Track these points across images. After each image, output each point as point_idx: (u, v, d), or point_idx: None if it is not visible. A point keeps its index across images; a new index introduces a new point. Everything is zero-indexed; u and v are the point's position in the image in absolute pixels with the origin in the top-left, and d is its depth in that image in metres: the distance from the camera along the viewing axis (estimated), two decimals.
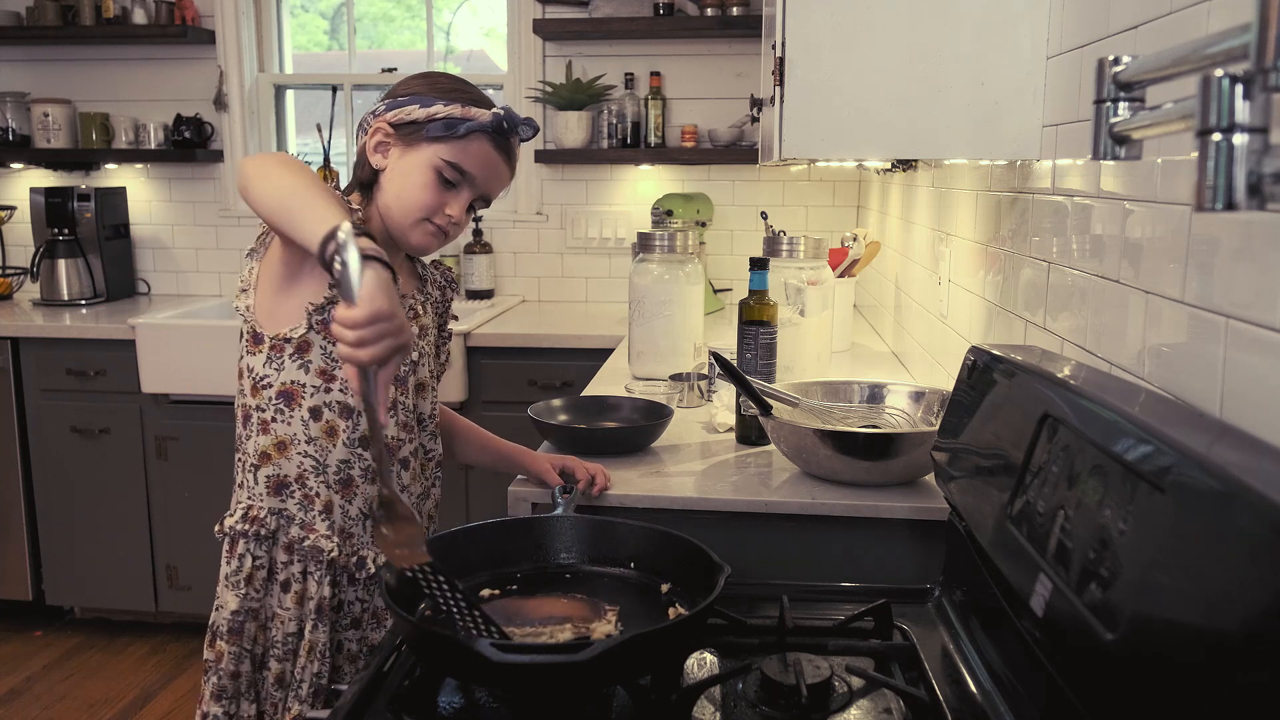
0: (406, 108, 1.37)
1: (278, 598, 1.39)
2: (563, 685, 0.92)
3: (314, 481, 1.38)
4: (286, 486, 1.38)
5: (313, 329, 1.33)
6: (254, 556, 1.38)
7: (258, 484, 1.39)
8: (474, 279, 3.55)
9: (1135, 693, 0.67)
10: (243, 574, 1.38)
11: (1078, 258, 1.26)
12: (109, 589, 3.25)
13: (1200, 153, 0.50)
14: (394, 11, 4.22)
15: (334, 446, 1.37)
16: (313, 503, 1.38)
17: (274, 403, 1.36)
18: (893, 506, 1.40)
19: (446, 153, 1.36)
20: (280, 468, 1.38)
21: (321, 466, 1.37)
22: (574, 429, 1.70)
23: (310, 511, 1.38)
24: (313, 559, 1.38)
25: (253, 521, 1.38)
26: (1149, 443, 0.74)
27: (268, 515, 1.38)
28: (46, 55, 3.68)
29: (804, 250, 2.15)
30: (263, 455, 1.38)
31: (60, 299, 3.50)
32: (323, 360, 1.35)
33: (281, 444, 1.37)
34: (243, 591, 1.38)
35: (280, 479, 1.38)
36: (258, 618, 1.39)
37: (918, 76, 1.45)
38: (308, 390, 1.35)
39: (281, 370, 1.35)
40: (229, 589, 1.39)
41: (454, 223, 1.39)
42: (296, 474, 1.38)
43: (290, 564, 1.39)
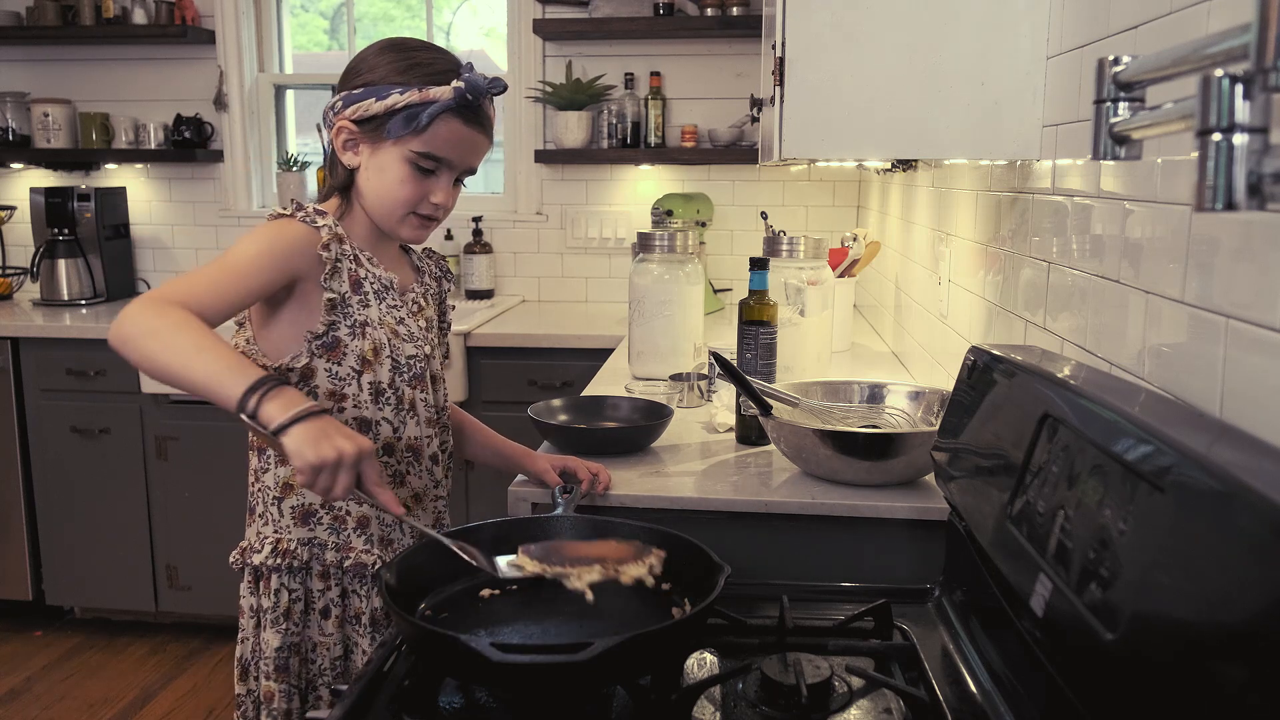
0: (364, 102, 1.29)
1: (318, 626, 1.37)
2: (563, 685, 0.92)
3: (342, 501, 1.34)
4: (313, 515, 1.36)
5: (314, 355, 1.31)
6: (289, 590, 1.36)
7: (283, 516, 1.36)
8: (474, 279, 3.55)
9: (1135, 693, 0.67)
10: (280, 609, 1.35)
11: (1078, 258, 1.26)
12: (109, 589, 3.25)
13: (1200, 153, 0.50)
14: (394, 11, 4.22)
15: None
16: (344, 523, 1.36)
17: None
18: (893, 506, 1.40)
19: (416, 144, 1.30)
20: (304, 496, 1.35)
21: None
22: (574, 429, 1.70)
23: (344, 532, 1.36)
24: (356, 576, 1.37)
25: (284, 555, 1.35)
26: (1149, 443, 0.74)
27: (298, 547, 1.35)
28: (46, 55, 3.68)
29: (804, 250, 2.15)
30: (284, 486, 1.36)
31: (60, 299, 3.50)
32: (330, 382, 1.32)
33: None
34: (283, 627, 1.35)
35: (306, 509, 1.36)
36: (299, 651, 1.37)
37: (918, 77, 1.45)
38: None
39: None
40: (269, 627, 1.35)
41: (441, 207, 1.35)
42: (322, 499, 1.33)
43: (328, 590, 1.37)
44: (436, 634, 0.94)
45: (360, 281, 1.34)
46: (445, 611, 1.10)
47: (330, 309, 1.30)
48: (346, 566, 1.36)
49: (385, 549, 1.39)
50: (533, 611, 1.12)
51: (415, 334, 1.40)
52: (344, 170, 1.36)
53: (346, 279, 1.32)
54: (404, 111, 1.28)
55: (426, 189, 1.33)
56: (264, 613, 1.36)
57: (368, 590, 1.38)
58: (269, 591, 1.36)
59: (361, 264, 1.35)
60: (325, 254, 1.28)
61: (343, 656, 1.39)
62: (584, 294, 3.63)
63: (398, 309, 1.38)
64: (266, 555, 1.35)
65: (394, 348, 1.36)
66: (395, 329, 1.36)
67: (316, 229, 1.29)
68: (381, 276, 1.37)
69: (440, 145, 1.31)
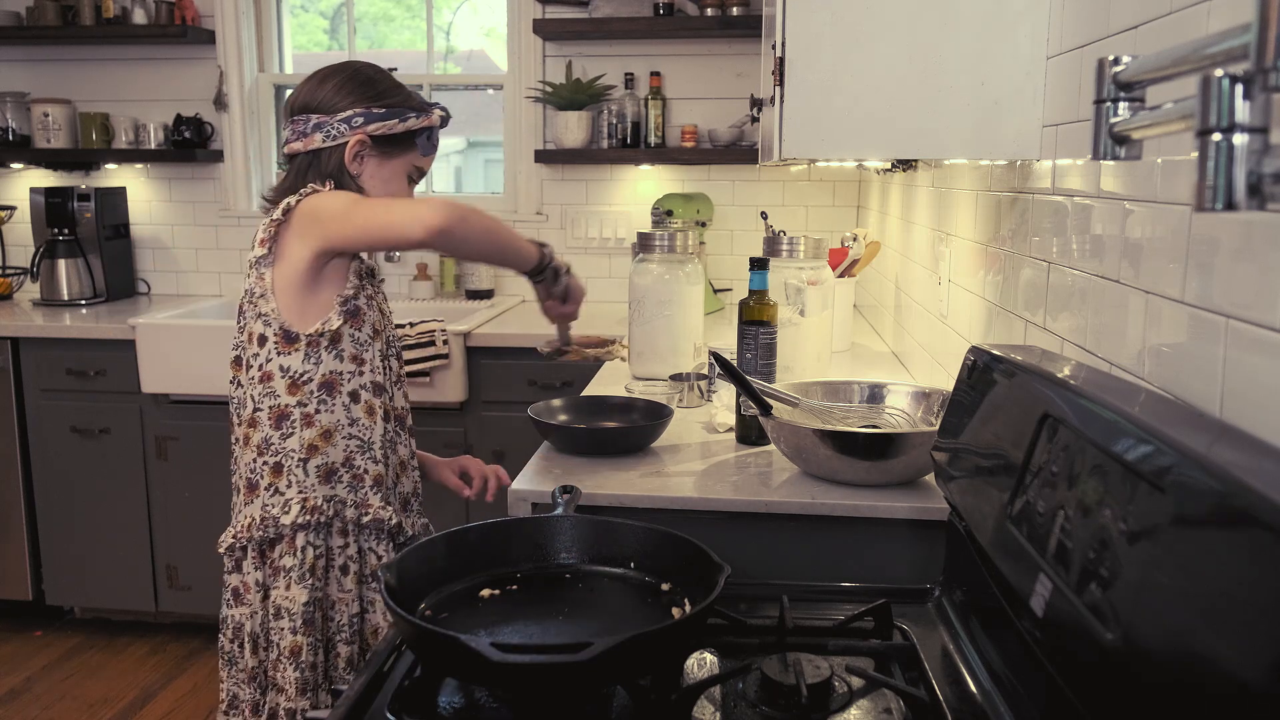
0: (387, 121, 1.51)
1: (337, 582, 1.47)
2: (563, 685, 0.92)
3: (361, 460, 1.47)
4: (334, 473, 1.46)
5: (344, 319, 1.46)
6: (314, 547, 1.44)
7: (308, 475, 1.45)
8: (474, 279, 3.55)
9: (1135, 693, 0.67)
10: (306, 565, 1.44)
11: (1078, 258, 1.26)
12: (109, 589, 3.25)
13: (1200, 153, 0.50)
14: (394, 11, 4.22)
15: (375, 423, 1.48)
16: (362, 480, 1.48)
17: (316, 395, 1.44)
18: (893, 506, 1.40)
19: (420, 160, 1.57)
20: (328, 455, 1.46)
21: (366, 445, 1.48)
22: (574, 429, 1.70)
23: (361, 489, 1.47)
24: (374, 532, 1.48)
25: (312, 512, 1.44)
26: (1149, 443, 0.74)
27: (324, 503, 1.45)
28: (46, 55, 3.68)
29: (804, 250, 2.15)
30: (310, 448, 1.45)
31: (60, 299, 3.50)
32: (353, 347, 1.47)
33: (327, 433, 1.45)
34: (309, 583, 1.44)
35: (329, 467, 1.46)
36: (321, 606, 1.46)
37: (918, 76, 1.45)
38: (345, 377, 1.45)
39: (320, 363, 1.44)
40: (295, 584, 1.44)
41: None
42: (343, 458, 1.46)
43: (347, 547, 1.47)
44: (436, 634, 0.94)
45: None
46: (445, 611, 1.10)
47: (358, 274, 1.49)
48: (364, 523, 1.47)
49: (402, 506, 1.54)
50: (533, 611, 1.12)
51: (389, 317, 1.59)
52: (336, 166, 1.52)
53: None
54: (423, 133, 1.56)
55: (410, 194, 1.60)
56: (289, 572, 1.44)
57: (385, 547, 1.49)
58: (293, 550, 1.44)
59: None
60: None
61: (359, 614, 1.48)
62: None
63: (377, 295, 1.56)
64: (296, 515, 1.43)
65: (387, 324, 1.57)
66: (382, 308, 1.55)
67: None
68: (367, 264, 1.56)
69: (429, 160, 1.60)
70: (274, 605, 1.45)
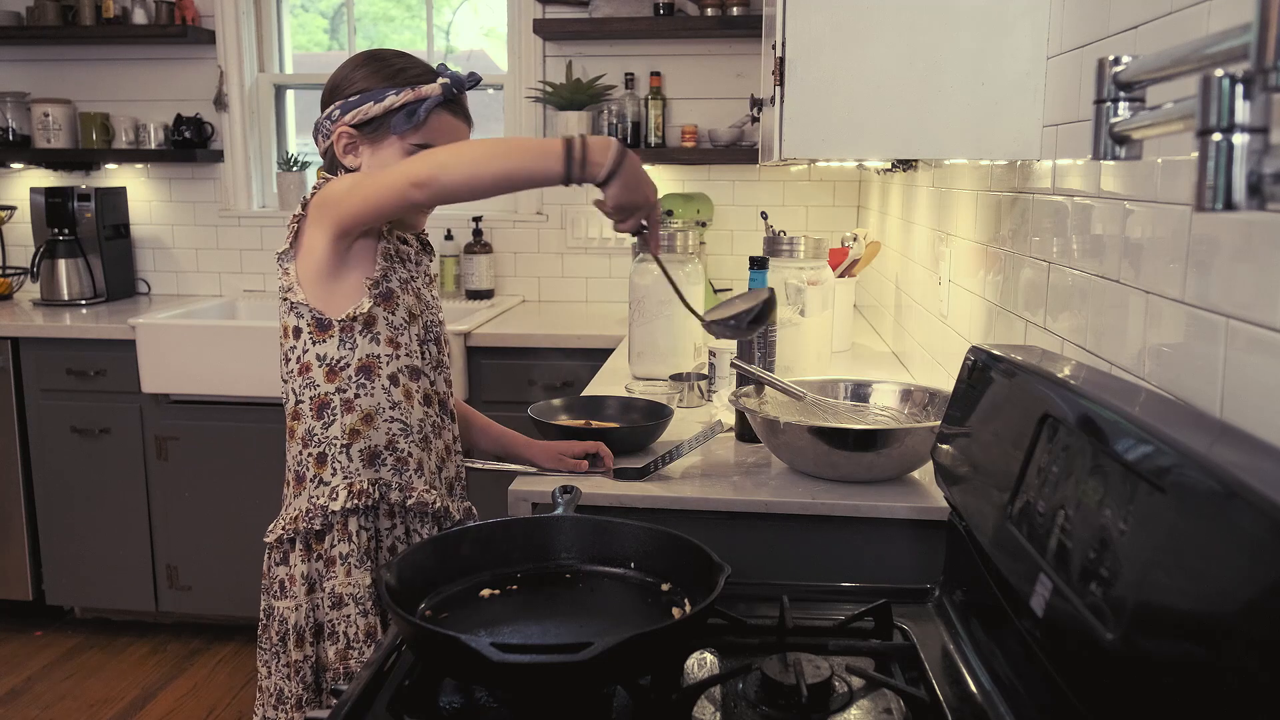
0: (361, 107, 1.44)
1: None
2: (563, 685, 0.92)
3: (404, 443, 1.46)
4: (378, 455, 1.45)
5: (376, 302, 1.43)
6: (366, 530, 1.44)
7: (353, 460, 1.44)
8: (474, 279, 3.55)
9: (1135, 693, 0.67)
10: (362, 548, 1.43)
11: (1078, 258, 1.26)
12: (109, 589, 3.25)
13: (1200, 153, 0.50)
14: (394, 11, 4.22)
15: (413, 406, 1.47)
16: (406, 464, 1.46)
17: (355, 380, 1.43)
18: (893, 506, 1.40)
19: (414, 138, 1.45)
20: (371, 439, 1.44)
21: (407, 428, 1.46)
22: (574, 429, 1.70)
23: (405, 472, 1.46)
24: (417, 515, 1.47)
25: (359, 496, 1.43)
26: (1149, 443, 0.74)
27: (370, 486, 1.44)
28: (46, 55, 3.68)
29: (804, 250, 2.15)
30: (352, 433, 1.44)
31: (60, 299, 3.50)
32: (388, 330, 1.44)
33: (368, 416, 1.44)
34: (368, 565, 1.43)
35: (373, 450, 1.45)
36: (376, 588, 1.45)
37: (918, 76, 1.45)
38: (383, 360, 1.44)
39: (356, 348, 1.43)
40: (355, 568, 1.43)
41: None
42: (386, 441, 1.45)
43: (394, 528, 1.46)
44: (436, 634, 0.94)
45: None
46: (445, 611, 1.10)
47: (385, 256, 1.45)
48: (409, 505, 1.46)
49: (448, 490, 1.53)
50: (533, 611, 1.12)
51: (430, 302, 1.54)
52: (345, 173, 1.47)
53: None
54: (403, 109, 1.44)
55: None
56: (346, 558, 1.43)
57: (428, 530, 1.48)
58: (347, 536, 1.43)
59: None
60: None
61: None
62: (584, 294, 3.63)
63: (415, 279, 1.52)
64: (344, 500, 1.42)
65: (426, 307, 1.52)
66: (419, 293, 1.51)
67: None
68: (400, 249, 1.50)
69: (435, 135, 1.45)
70: (334, 595, 1.43)
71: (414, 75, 1.46)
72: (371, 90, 1.44)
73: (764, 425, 1.52)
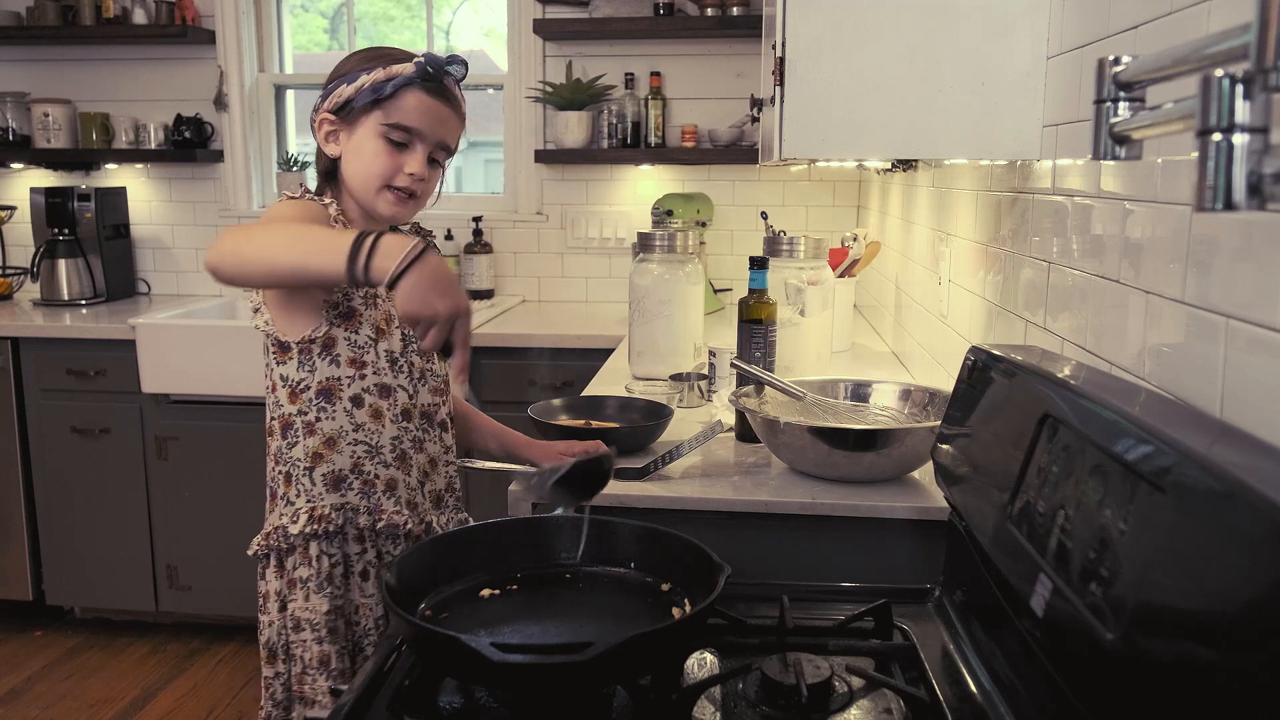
0: (336, 90, 1.41)
1: (359, 589, 1.44)
2: (563, 685, 0.92)
3: (370, 465, 1.43)
4: (344, 480, 1.43)
5: (333, 324, 1.39)
6: (329, 555, 1.41)
7: (315, 484, 1.42)
8: (474, 279, 3.55)
9: (1135, 693, 0.67)
10: (323, 574, 1.41)
11: (1078, 258, 1.26)
12: (109, 589, 3.25)
13: (1200, 153, 0.50)
14: (394, 11, 4.22)
15: (383, 426, 1.43)
16: (373, 486, 1.43)
17: (315, 403, 1.41)
18: (893, 506, 1.40)
19: (384, 116, 1.39)
20: (334, 463, 1.42)
21: (375, 449, 1.43)
22: (574, 429, 1.70)
23: (374, 494, 1.43)
24: (389, 538, 1.45)
25: (320, 520, 1.41)
26: (1149, 443, 0.74)
27: (332, 512, 1.41)
28: (46, 55, 3.68)
29: (804, 250, 2.15)
30: (315, 456, 1.42)
31: (60, 299, 3.50)
32: (350, 350, 1.40)
33: (331, 440, 1.41)
34: (328, 591, 1.41)
35: (336, 474, 1.42)
36: (344, 614, 1.43)
37: (918, 77, 1.45)
38: (344, 382, 1.41)
39: (315, 370, 1.40)
40: (314, 593, 1.41)
41: (417, 179, 1.42)
42: (351, 464, 1.42)
43: (365, 553, 1.44)
44: (436, 634, 0.94)
45: None
46: (445, 611, 1.10)
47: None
48: (379, 528, 1.43)
49: (412, 511, 1.47)
50: (533, 611, 1.12)
51: None
52: (328, 161, 1.45)
53: None
54: (371, 86, 1.39)
55: (400, 162, 1.41)
56: (306, 582, 1.41)
57: (401, 550, 1.44)
58: (308, 560, 1.41)
59: None
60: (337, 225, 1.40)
61: (384, 615, 1.45)
62: (584, 294, 3.63)
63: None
64: (304, 524, 1.41)
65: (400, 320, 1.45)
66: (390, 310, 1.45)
67: (325, 206, 1.42)
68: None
69: (409, 115, 1.39)
70: (293, 618, 1.42)
71: (391, 58, 1.41)
72: (347, 73, 1.41)
73: (764, 425, 1.52)
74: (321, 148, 1.45)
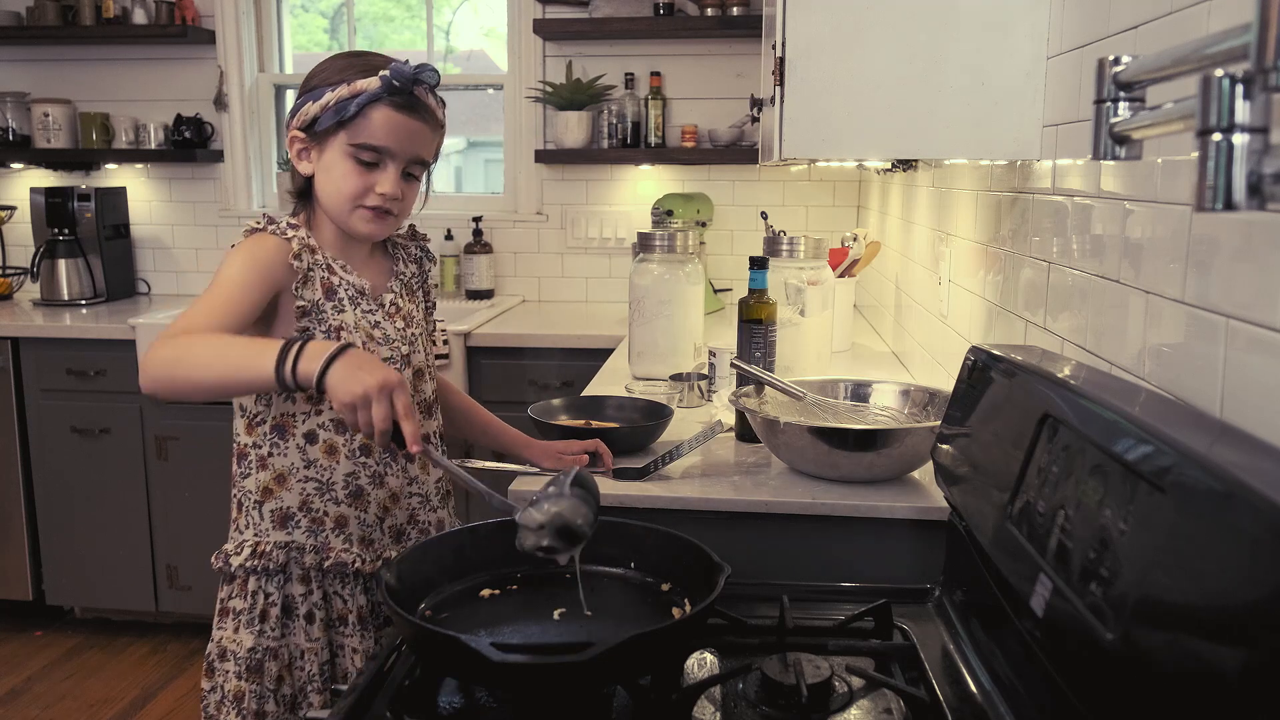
0: (304, 109, 1.36)
1: (303, 632, 1.39)
2: (563, 685, 0.92)
3: (320, 502, 1.39)
4: (291, 518, 1.39)
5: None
6: (266, 594, 1.39)
7: (263, 520, 1.40)
8: (474, 279, 3.55)
9: (1135, 693, 0.67)
10: (256, 611, 1.38)
11: (1078, 258, 1.26)
12: (109, 589, 3.25)
13: (1200, 153, 0.50)
14: (394, 11, 4.22)
15: (337, 463, 1.39)
16: (323, 524, 1.40)
17: (269, 437, 1.38)
18: (893, 506, 1.40)
19: (351, 136, 1.33)
20: (282, 500, 1.39)
21: (326, 486, 1.39)
22: (574, 429, 1.70)
23: (322, 533, 1.39)
24: (337, 577, 1.40)
25: (261, 557, 1.38)
26: (1149, 443, 0.74)
27: (275, 550, 1.38)
28: (46, 55, 3.68)
29: (804, 250, 2.15)
30: (265, 491, 1.39)
31: (60, 299, 3.50)
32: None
33: (280, 476, 1.39)
34: (258, 629, 1.38)
35: (284, 512, 1.39)
36: (278, 657, 1.39)
37: (918, 77, 1.45)
38: (298, 418, 1.38)
39: (271, 404, 1.38)
40: (243, 628, 1.38)
41: (391, 198, 1.36)
42: (299, 502, 1.39)
43: (310, 594, 1.39)
44: (436, 634, 0.94)
45: (334, 289, 1.39)
46: (445, 611, 1.10)
47: (302, 315, 1.35)
48: (326, 567, 1.39)
49: (365, 548, 1.42)
50: (533, 611, 1.12)
51: (391, 335, 1.43)
52: (301, 178, 1.41)
53: (319, 286, 1.37)
54: (334, 107, 1.33)
55: (371, 181, 1.36)
56: (238, 615, 1.39)
57: (350, 590, 1.40)
58: (244, 594, 1.39)
59: (335, 271, 1.40)
60: (296, 263, 1.34)
61: (329, 661, 1.40)
62: (584, 294, 3.63)
63: (372, 313, 1.42)
64: (245, 558, 1.39)
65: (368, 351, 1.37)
66: (370, 333, 1.41)
67: (288, 240, 1.35)
68: (354, 283, 1.42)
69: (376, 133, 1.34)
70: (220, 645, 1.40)
71: (359, 69, 1.34)
72: (314, 89, 1.36)
73: (764, 425, 1.52)
74: (294, 165, 1.41)
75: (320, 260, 1.38)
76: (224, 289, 1.30)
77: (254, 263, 1.32)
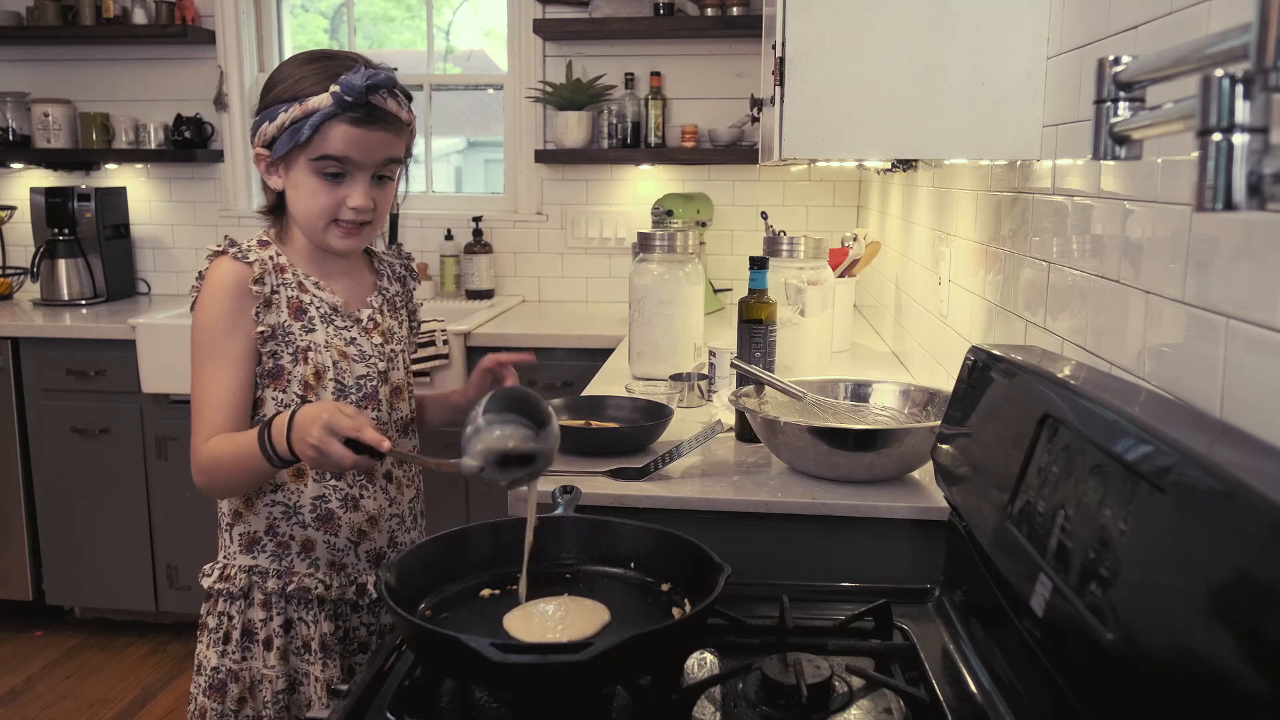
0: (261, 128, 1.31)
1: (261, 659, 1.38)
2: (563, 685, 0.92)
3: (286, 526, 1.38)
4: (257, 542, 1.39)
5: (262, 385, 1.34)
6: (228, 616, 1.39)
7: (232, 542, 1.41)
8: (474, 279, 3.55)
9: (1135, 693, 0.67)
10: (220, 632, 1.39)
11: (1078, 258, 1.26)
12: (109, 589, 3.25)
13: (1200, 153, 0.50)
14: (394, 11, 4.22)
15: (304, 487, 1.38)
16: (288, 548, 1.39)
17: None
18: (893, 506, 1.40)
19: (311, 153, 1.29)
20: (250, 524, 1.39)
21: (293, 510, 1.38)
22: (574, 429, 1.70)
23: (287, 557, 1.39)
24: (300, 603, 1.38)
25: (226, 580, 1.39)
26: (1149, 443, 0.74)
27: (238, 573, 1.39)
28: (46, 55, 3.68)
29: (804, 250, 2.15)
30: (235, 514, 1.40)
31: (60, 299, 3.50)
32: (275, 407, 1.34)
33: (249, 500, 1.38)
34: (220, 649, 1.39)
35: (251, 536, 1.39)
36: (239, 680, 1.39)
37: (918, 76, 1.45)
38: None
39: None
40: (211, 646, 1.40)
41: (364, 210, 1.33)
42: (266, 526, 1.38)
43: (270, 620, 1.38)
44: (436, 634, 0.94)
45: (304, 307, 1.36)
46: (445, 611, 1.10)
47: (265, 340, 1.33)
48: (289, 593, 1.37)
49: (335, 573, 1.40)
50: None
51: (368, 352, 1.40)
52: (273, 193, 1.38)
53: (285, 308, 1.35)
54: (288, 130, 1.29)
55: (341, 195, 1.32)
56: (210, 632, 1.41)
57: (314, 616, 1.39)
58: (215, 613, 1.40)
59: (306, 289, 1.37)
60: (256, 288, 1.32)
61: (287, 690, 1.38)
62: (584, 294, 3.63)
63: (347, 329, 1.39)
64: (214, 580, 1.40)
65: (340, 370, 1.37)
66: (344, 350, 1.38)
67: (249, 264, 1.32)
68: (328, 299, 1.38)
69: (337, 148, 1.29)
70: (197, 658, 1.42)
71: (311, 82, 1.28)
72: (269, 107, 1.30)
73: (764, 425, 1.52)
74: (264, 180, 1.37)
75: (290, 279, 1.36)
76: (205, 383, 1.32)
77: (221, 312, 1.31)
